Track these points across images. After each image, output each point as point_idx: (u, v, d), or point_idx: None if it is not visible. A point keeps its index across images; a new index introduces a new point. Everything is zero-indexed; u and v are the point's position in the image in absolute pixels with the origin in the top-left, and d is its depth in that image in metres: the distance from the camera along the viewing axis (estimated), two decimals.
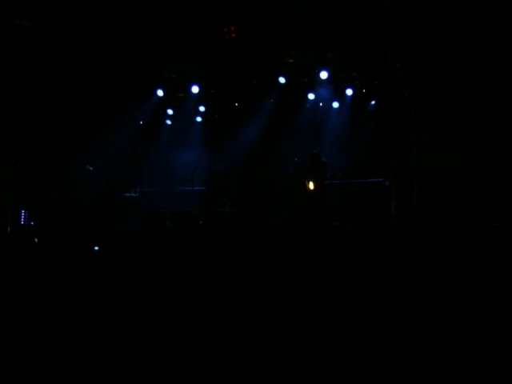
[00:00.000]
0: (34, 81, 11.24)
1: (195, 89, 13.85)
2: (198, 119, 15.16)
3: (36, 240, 6.44)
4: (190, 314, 3.83)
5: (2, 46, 10.52)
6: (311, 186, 11.49)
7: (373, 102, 13.36)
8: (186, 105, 14.63)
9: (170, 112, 15.01)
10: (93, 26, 11.22)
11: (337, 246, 5.53)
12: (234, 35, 11.71)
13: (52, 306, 4.06)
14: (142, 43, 12.05)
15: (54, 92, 11.89)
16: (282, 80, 13.22)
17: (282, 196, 13.07)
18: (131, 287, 4.29)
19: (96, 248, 6.46)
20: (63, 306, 4.05)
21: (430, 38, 9.24)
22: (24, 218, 11.80)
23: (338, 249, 5.40)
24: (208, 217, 11.68)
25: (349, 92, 13.41)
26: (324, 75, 12.84)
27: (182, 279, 4.40)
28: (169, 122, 15.26)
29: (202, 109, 14.84)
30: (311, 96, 13.83)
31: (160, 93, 14.11)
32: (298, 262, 4.86)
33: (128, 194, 13.79)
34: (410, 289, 3.90)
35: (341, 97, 13.66)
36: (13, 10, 10.33)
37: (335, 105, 13.88)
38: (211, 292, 4.08)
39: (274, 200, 13.12)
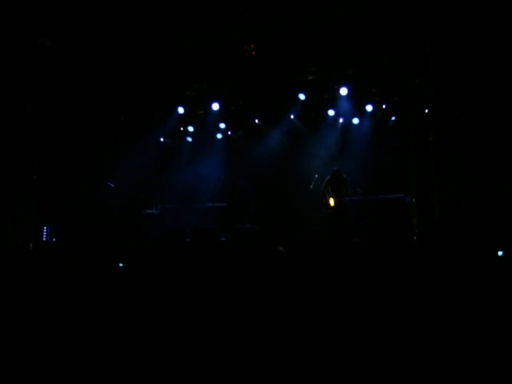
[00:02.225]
0: (57, 98, 11.40)
1: (215, 106, 13.92)
2: (219, 136, 15.23)
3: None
4: (212, 329, 3.85)
5: (25, 65, 10.70)
6: (332, 202, 11.45)
7: (393, 118, 13.34)
8: (206, 122, 14.70)
9: (190, 129, 15.12)
10: (113, 44, 11.37)
11: (357, 262, 5.52)
12: (253, 52, 11.77)
13: (78, 322, 4.10)
14: (162, 61, 12.17)
15: (76, 109, 12.05)
16: (301, 96, 13.24)
17: (302, 212, 13.06)
18: (155, 303, 4.32)
19: (120, 265, 6.49)
20: (89, 322, 4.09)
21: (450, 54, 9.23)
22: (46, 234, 11.92)
23: (359, 265, 5.38)
24: (229, 234, 11.69)
25: (369, 108, 13.40)
26: (344, 91, 12.84)
27: (204, 295, 4.42)
28: (189, 138, 15.35)
29: (222, 126, 14.91)
30: (331, 112, 13.82)
31: (181, 110, 14.19)
32: (318, 277, 4.85)
33: (149, 211, 13.83)
34: (429, 304, 3.87)
35: (361, 113, 13.65)
36: (35, 29, 10.52)
37: (355, 121, 13.87)
38: (234, 306, 4.10)
39: (295, 216, 13.13)
